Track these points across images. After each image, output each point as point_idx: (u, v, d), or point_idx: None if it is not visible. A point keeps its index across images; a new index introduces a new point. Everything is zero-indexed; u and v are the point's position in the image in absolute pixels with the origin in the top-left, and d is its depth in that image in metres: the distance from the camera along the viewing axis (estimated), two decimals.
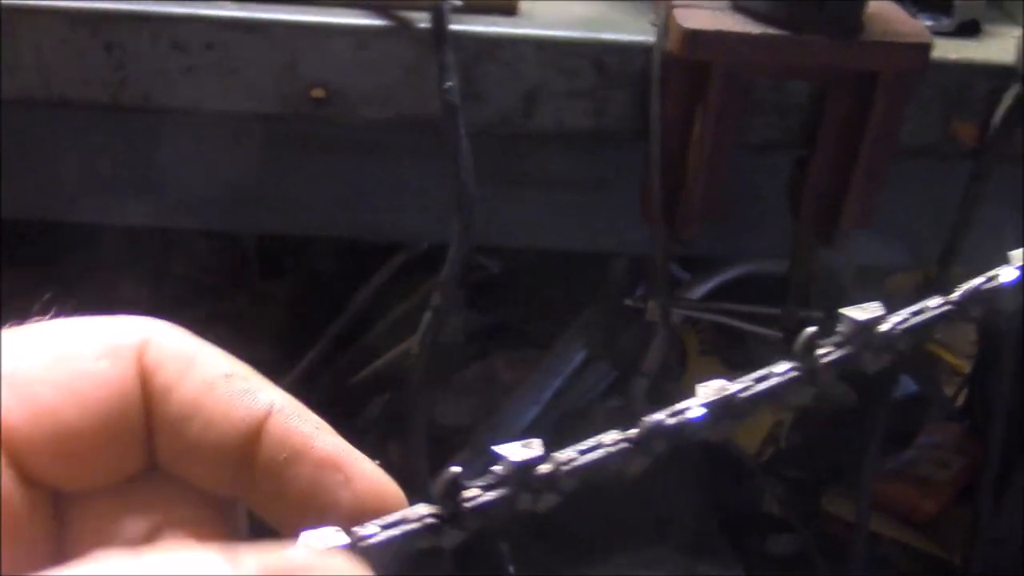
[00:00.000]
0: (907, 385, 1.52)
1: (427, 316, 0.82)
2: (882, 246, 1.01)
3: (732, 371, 1.45)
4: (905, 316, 0.31)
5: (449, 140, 0.77)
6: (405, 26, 0.79)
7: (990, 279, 0.31)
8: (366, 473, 0.31)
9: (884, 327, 0.30)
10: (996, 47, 0.90)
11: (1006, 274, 0.31)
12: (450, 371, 1.56)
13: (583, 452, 0.32)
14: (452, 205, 0.80)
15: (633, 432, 0.32)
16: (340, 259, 1.52)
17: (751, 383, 0.33)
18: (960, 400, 1.60)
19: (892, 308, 0.31)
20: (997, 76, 0.88)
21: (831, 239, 0.90)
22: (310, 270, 1.45)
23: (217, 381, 0.31)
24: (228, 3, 0.80)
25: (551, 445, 0.33)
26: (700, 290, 1.37)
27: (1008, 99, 0.87)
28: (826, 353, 0.31)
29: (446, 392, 1.54)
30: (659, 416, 0.32)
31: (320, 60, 0.80)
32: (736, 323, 1.03)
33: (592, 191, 1.01)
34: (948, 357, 1.61)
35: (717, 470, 1.44)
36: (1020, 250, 0.32)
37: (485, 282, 1.70)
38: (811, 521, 1.46)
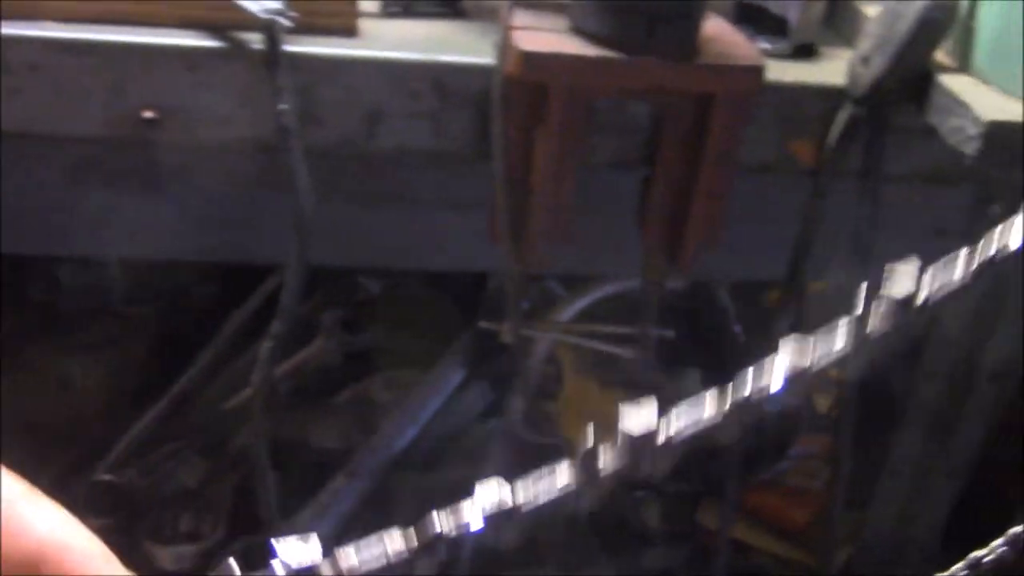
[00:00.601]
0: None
1: (266, 343, 0.80)
2: (733, 263, 1.03)
3: (607, 390, 1.47)
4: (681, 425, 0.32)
5: (285, 162, 0.76)
6: (239, 47, 0.78)
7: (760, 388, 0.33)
8: None
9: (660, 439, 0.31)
10: (830, 69, 0.93)
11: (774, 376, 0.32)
12: (325, 394, 1.53)
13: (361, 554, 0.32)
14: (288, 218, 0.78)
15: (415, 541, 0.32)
16: (209, 283, 1.49)
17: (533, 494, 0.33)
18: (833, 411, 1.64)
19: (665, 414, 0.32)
20: (831, 97, 0.90)
21: (677, 258, 0.91)
22: (177, 295, 1.42)
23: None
24: (53, 24, 0.78)
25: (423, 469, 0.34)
26: (574, 308, 1.38)
27: (841, 119, 0.89)
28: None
29: (322, 415, 1.52)
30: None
31: (151, 82, 0.78)
32: (590, 343, 1.04)
33: (453, 210, 1.00)
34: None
35: None
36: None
37: (364, 303, 1.69)
38: (688, 534, 1.48)
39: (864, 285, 0.35)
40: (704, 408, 0.32)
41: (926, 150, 0.96)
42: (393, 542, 0.32)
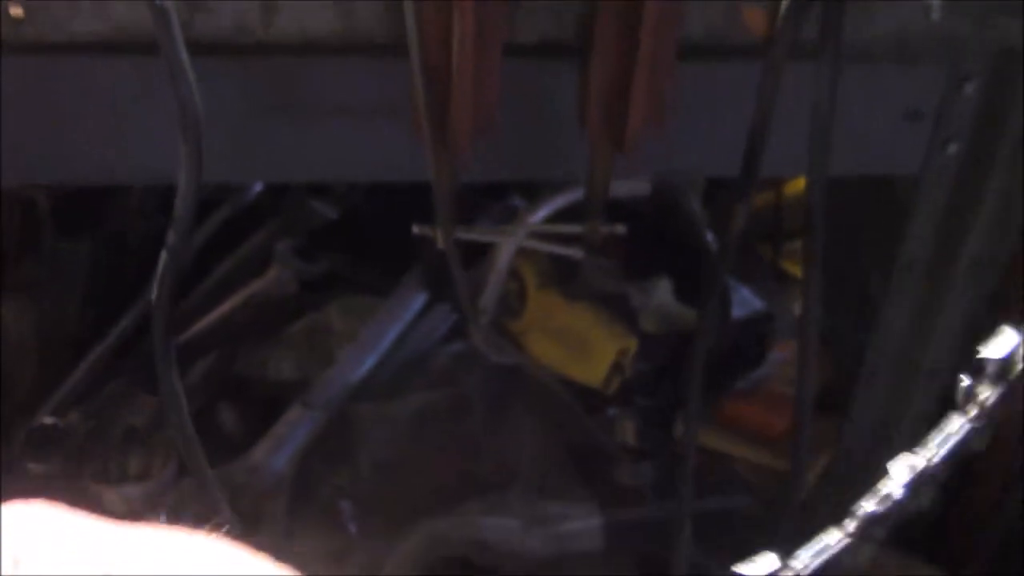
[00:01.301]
0: (752, 302, 1.49)
1: (162, 258, 0.73)
2: (685, 156, 0.96)
3: (571, 303, 1.41)
4: None
5: (165, 53, 0.68)
6: None
7: None
8: None
9: None
10: None
11: None
12: (280, 324, 1.47)
13: None
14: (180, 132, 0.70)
15: None
16: (151, 214, 1.42)
17: None
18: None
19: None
20: None
21: (622, 144, 0.84)
22: (115, 228, 1.34)
23: None
24: None
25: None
26: (535, 218, 1.31)
27: None
28: None
29: (278, 346, 1.46)
30: None
31: None
32: (534, 244, 0.97)
33: (384, 115, 0.93)
34: (795, 270, 1.58)
35: (564, 405, 1.40)
36: None
37: (319, 229, 1.62)
38: (664, 449, 1.43)
39: None
40: None
41: (889, 16, 0.88)
42: None
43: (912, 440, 1.28)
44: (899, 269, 1.16)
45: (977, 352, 0.40)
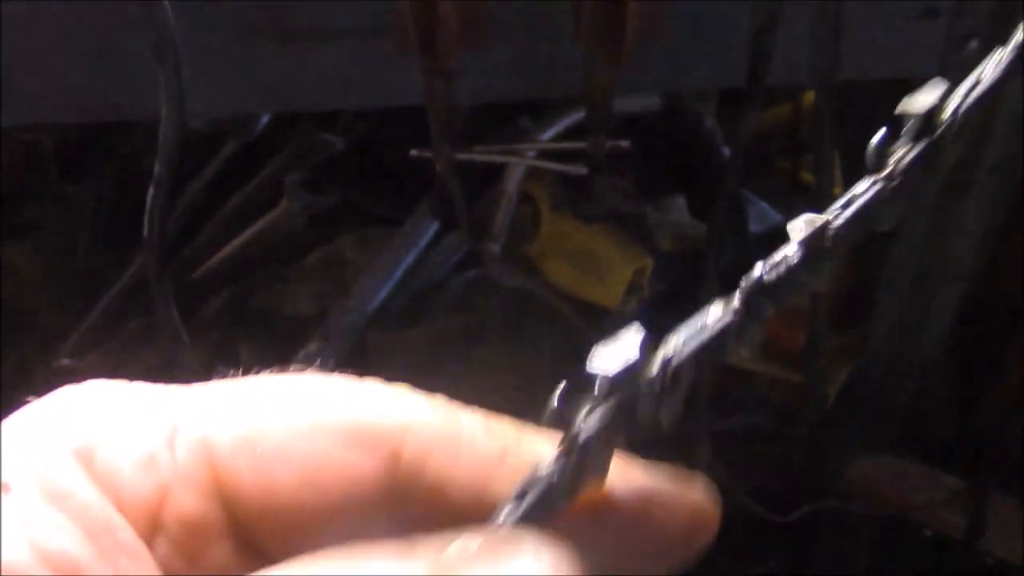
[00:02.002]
0: (770, 216, 1.46)
1: (150, 192, 0.72)
2: (685, 66, 0.93)
3: (585, 224, 1.39)
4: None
5: None
6: None
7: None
8: (674, 501, 0.29)
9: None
10: None
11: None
12: (293, 258, 1.47)
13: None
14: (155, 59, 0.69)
15: None
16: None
17: None
18: None
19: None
20: None
21: (620, 58, 0.81)
22: (120, 167, 1.33)
23: (493, 467, 0.28)
24: None
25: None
26: (544, 137, 1.29)
27: None
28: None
29: (292, 280, 1.46)
30: None
31: None
32: (534, 163, 0.95)
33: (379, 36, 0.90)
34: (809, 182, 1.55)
35: (579, 328, 1.39)
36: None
37: (329, 161, 1.60)
38: None
39: None
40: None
41: None
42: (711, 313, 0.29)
43: (934, 344, 1.26)
44: None
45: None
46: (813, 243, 0.29)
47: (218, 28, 0.84)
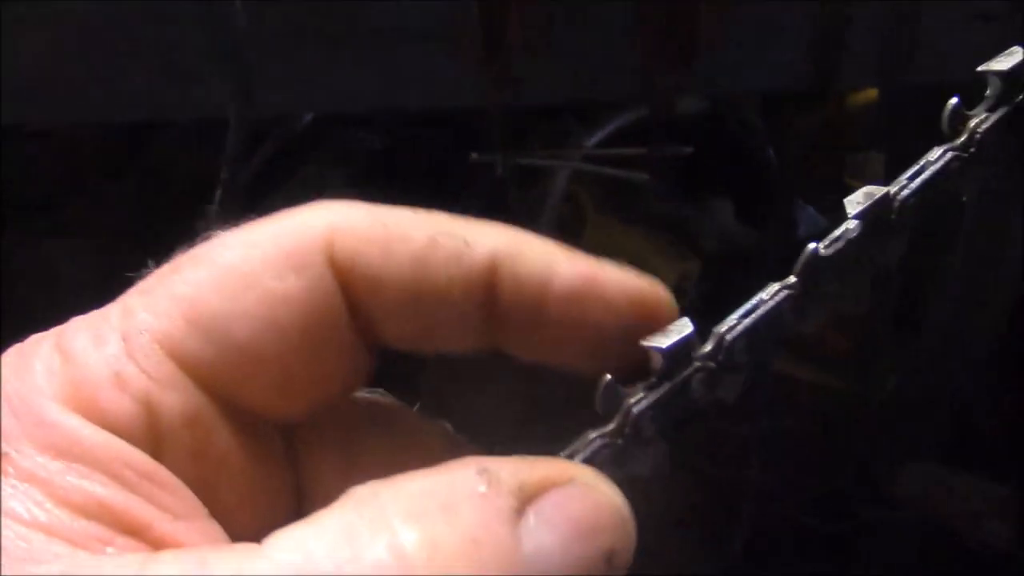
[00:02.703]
0: (817, 221, 1.44)
1: (217, 193, 0.71)
2: (751, 69, 0.91)
3: (631, 227, 1.37)
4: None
5: None
6: None
7: None
8: (621, 280, 0.29)
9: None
10: None
11: None
12: None
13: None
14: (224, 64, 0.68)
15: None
16: (193, 148, 1.39)
17: None
18: None
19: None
20: None
21: (685, 63, 0.80)
22: (157, 164, 1.32)
23: (426, 252, 0.28)
24: None
25: None
26: (592, 140, 1.27)
27: None
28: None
29: None
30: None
31: None
32: (596, 169, 0.93)
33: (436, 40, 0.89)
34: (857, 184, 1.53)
35: None
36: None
37: (368, 158, 1.59)
38: None
39: None
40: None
41: None
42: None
43: (984, 350, 1.24)
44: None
45: None
46: (873, 216, 0.27)
47: (274, 30, 0.83)
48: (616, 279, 0.29)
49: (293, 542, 0.23)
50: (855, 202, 0.28)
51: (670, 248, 1.35)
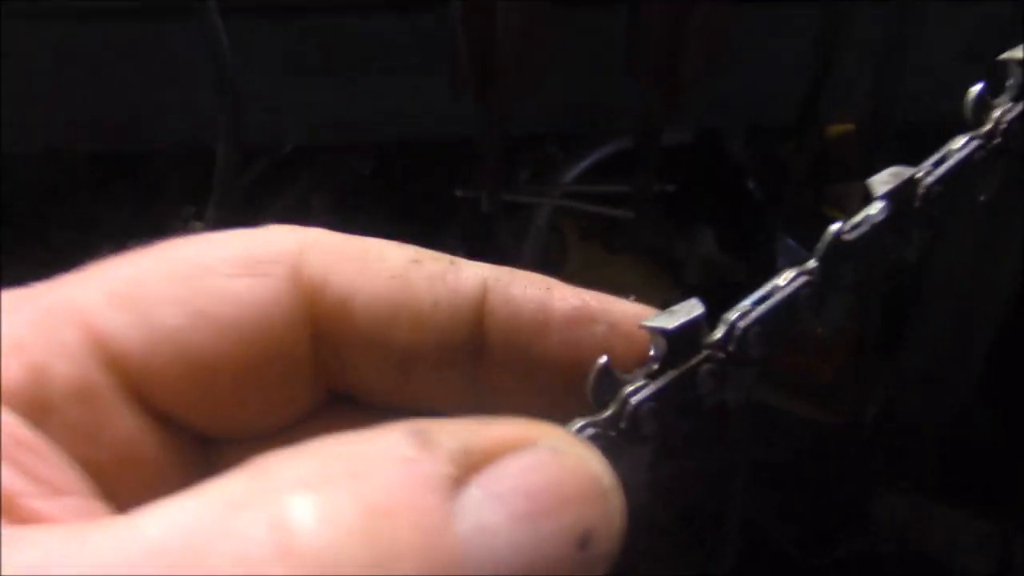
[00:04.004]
0: (797, 252, 1.45)
1: (207, 213, 0.71)
2: (739, 106, 0.92)
3: (613, 255, 1.38)
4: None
5: (199, 14, 0.65)
6: None
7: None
8: (627, 312, 0.26)
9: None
10: None
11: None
12: None
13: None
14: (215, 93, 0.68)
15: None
16: (182, 170, 1.40)
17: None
18: None
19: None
20: None
21: (676, 98, 0.81)
22: (147, 185, 1.33)
23: (408, 269, 0.25)
24: None
25: None
26: (574, 171, 1.28)
27: None
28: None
29: None
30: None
31: None
32: (581, 206, 0.94)
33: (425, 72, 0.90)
34: (837, 215, 1.54)
35: None
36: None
37: (355, 183, 1.60)
38: None
39: None
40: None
41: None
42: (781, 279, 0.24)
43: (969, 379, 1.25)
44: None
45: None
46: (900, 199, 0.24)
47: (263, 60, 0.83)
48: (621, 304, 0.26)
49: (166, 515, 0.19)
50: (881, 182, 0.25)
51: (652, 276, 1.36)
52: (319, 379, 0.26)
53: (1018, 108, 0.26)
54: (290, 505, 0.18)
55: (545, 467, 0.20)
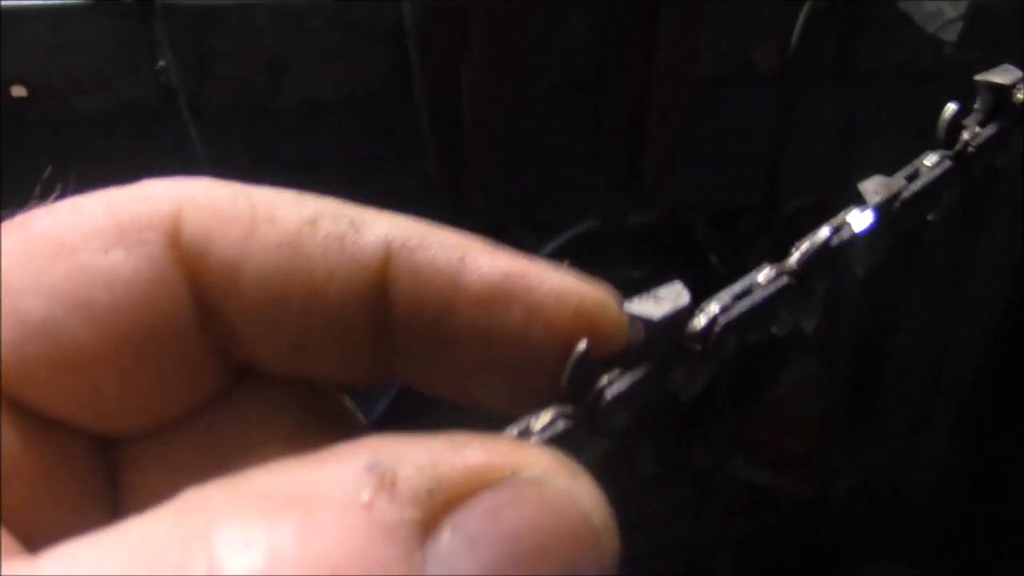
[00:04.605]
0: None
1: None
2: (702, 190, 0.94)
3: None
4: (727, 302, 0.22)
5: (173, 127, 0.66)
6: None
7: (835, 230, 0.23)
8: (554, 282, 0.21)
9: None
10: None
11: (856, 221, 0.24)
12: None
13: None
14: None
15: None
16: None
17: None
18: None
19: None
20: None
21: (640, 185, 0.83)
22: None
23: (300, 235, 0.21)
24: None
25: None
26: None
27: (804, 15, 0.80)
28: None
29: None
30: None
31: (14, 50, 0.68)
32: None
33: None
34: None
35: None
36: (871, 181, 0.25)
37: None
38: (683, 476, 1.41)
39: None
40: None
41: (902, 43, 0.87)
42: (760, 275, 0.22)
43: (938, 450, 1.26)
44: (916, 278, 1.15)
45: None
46: (885, 209, 0.24)
47: (231, 154, 0.84)
48: (549, 279, 0.21)
49: (73, 558, 0.16)
50: (871, 191, 0.24)
51: None
52: (217, 356, 0.22)
53: (987, 131, 0.26)
54: (224, 558, 0.15)
55: (526, 504, 0.17)
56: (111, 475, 0.22)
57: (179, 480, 0.18)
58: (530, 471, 0.17)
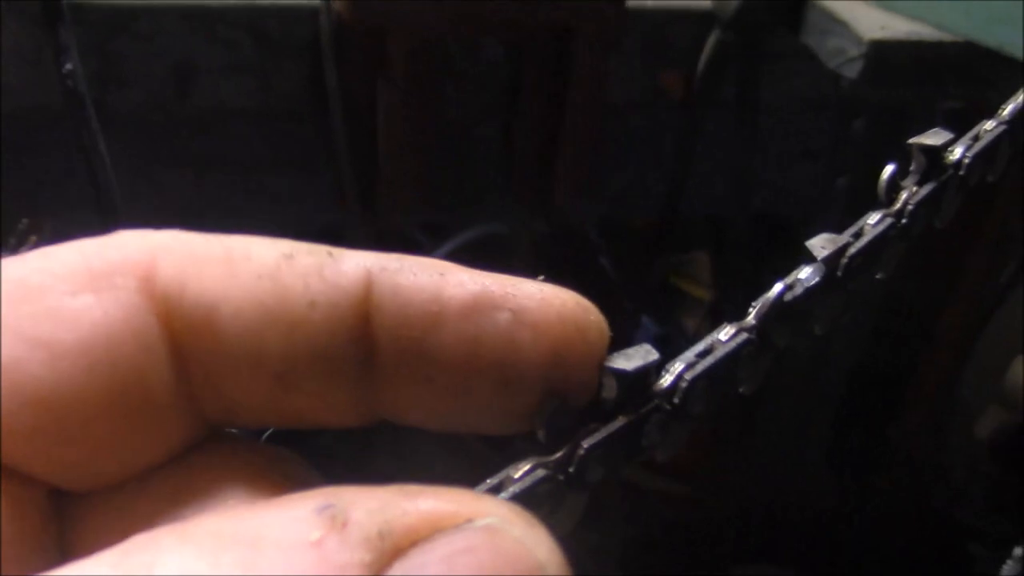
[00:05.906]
0: (649, 329, 1.51)
1: None
2: (606, 205, 0.96)
3: None
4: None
5: (79, 132, 0.64)
6: (9, 2, 0.65)
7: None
8: (535, 289, 0.21)
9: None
10: None
11: None
12: None
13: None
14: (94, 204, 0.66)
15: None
16: None
17: None
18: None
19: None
20: (699, 22, 0.83)
21: (548, 208, 0.84)
22: None
23: (279, 266, 0.21)
24: None
25: None
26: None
27: (710, 46, 0.82)
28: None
29: None
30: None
31: None
32: None
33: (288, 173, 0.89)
34: (691, 289, 1.61)
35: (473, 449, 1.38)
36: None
37: None
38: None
39: None
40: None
41: (803, 75, 0.90)
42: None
43: (813, 458, 1.32)
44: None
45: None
46: (833, 265, 0.25)
47: (140, 157, 0.81)
48: (529, 287, 0.22)
49: None
50: (818, 247, 0.25)
51: None
52: (188, 407, 0.21)
53: (923, 191, 0.27)
54: None
55: (479, 552, 0.17)
56: (60, 528, 0.21)
57: (131, 534, 0.18)
58: (485, 519, 0.17)
